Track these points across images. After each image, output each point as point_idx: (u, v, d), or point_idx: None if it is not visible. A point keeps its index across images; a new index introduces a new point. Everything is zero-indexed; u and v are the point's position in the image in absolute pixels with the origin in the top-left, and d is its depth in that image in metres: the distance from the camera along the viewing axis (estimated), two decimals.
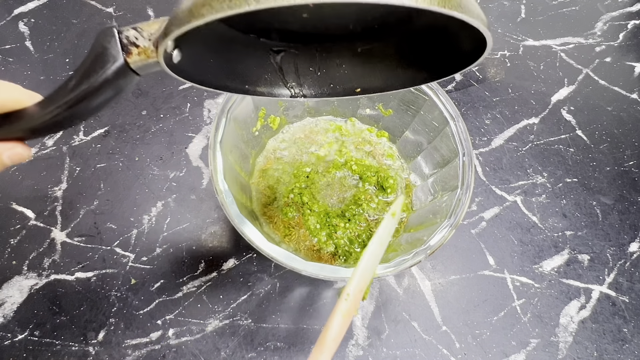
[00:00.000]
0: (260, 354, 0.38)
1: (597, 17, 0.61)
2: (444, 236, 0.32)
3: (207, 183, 0.45)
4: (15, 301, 0.38)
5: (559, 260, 0.43)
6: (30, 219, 0.42)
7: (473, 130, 0.50)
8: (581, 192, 0.47)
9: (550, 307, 0.41)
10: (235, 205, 0.31)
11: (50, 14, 0.55)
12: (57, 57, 0.52)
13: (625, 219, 0.46)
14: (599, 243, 0.44)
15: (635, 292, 0.42)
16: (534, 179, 0.48)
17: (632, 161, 0.49)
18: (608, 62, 0.57)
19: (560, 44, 0.58)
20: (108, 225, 0.42)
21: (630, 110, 0.53)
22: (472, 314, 0.40)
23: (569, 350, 0.39)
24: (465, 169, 0.34)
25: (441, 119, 0.37)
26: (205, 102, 0.50)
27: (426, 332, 0.39)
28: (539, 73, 0.55)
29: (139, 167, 0.45)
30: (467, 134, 0.36)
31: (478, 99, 0.52)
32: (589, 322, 0.41)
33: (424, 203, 0.40)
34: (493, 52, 0.56)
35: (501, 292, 0.41)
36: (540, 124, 0.51)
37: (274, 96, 0.27)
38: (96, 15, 0.55)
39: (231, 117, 0.35)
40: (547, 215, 0.46)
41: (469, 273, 0.42)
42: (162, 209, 0.43)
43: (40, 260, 0.40)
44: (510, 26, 0.59)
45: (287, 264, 0.30)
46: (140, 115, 0.48)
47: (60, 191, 0.43)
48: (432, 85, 0.37)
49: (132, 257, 0.41)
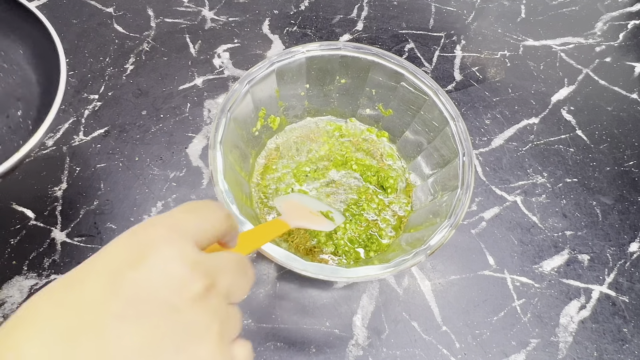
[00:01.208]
0: (260, 354, 0.38)
1: (597, 17, 0.61)
2: (444, 236, 0.32)
3: (207, 183, 0.45)
4: (15, 301, 0.38)
5: (559, 260, 0.43)
6: (30, 219, 0.42)
7: (473, 130, 0.50)
8: (581, 192, 0.47)
9: (550, 307, 0.41)
10: (235, 205, 0.31)
11: (50, 14, 0.55)
12: None
13: (625, 219, 0.46)
14: (599, 243, 0.44)
15: (635, 292, 0.42)
16: (534, 179, 0.48)
17: (632, 161, 0.49)
18: (608, 62, 0.57)
19: (560, 44, 0.58)
20: (108, 225, 0.42)
21: (630, 110, 0.53)
22: (472, 314, 0.40)
23: (569, 350, 0.39)
24: (465, 169, 0.34)
25: (441, 119, 0.37)
26: (205, 102, 0.50)
27: (426, 332, 0.39)
28: (539, 73, 0.55)
29: (139, 167, 0.45)
30: (467, 134, 0.36)
31: (478, 99, 0.53)
32: (589, 322, 0.41)
33: (424, 203, 0.40)
34: (493, 52, 0.56)
35: (501, 292, 0.41)
36: (540, 124, 0.51)
37: None
38: (96, 15, 0.55)
39: (231, 117, 0.35)
40: (547, 215, 0.46)
41: (469, 273, 0.42)
42: (162, 209, 0.43)
43: (40, 260, 0.40)
44: (510, 26, 0.59)
45: (287, 264, 0.30)
46: (140, 115, 0.48)
47: (60, 191, 0.43)
48: (432, 85, 0.37)
49: None
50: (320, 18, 0.58)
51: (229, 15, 0.57)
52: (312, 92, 0.43)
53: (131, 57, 0.52)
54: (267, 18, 0.57)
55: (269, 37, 0.55)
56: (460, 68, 0.55)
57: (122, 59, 0.52)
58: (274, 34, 0.56)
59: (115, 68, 0.51)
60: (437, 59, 0.55)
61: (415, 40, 0.57)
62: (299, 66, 0.39)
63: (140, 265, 0.16)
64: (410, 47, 0.56)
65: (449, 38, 0.57)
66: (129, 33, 0.54)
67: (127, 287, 0.15)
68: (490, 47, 0.57)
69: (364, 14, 0.59)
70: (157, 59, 0.52)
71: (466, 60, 0.56)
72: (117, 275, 0.15)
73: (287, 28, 0.56)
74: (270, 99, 0.41)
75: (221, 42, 0.54)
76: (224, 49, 0.54)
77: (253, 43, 0.55)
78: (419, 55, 0.55)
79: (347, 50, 0.39)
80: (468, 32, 0.58)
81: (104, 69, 0.51)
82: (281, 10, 0.58)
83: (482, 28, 0.59)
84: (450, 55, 0.56)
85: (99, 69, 0.51)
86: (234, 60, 0.53)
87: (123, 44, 0.53)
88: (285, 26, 0.57)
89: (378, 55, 0.38)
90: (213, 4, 0.58)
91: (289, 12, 0.58)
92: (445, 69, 0.55)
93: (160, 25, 0.55)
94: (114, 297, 0.15)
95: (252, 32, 0.56)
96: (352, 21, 0.58)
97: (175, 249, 0.16)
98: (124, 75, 0.51)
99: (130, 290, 0.15)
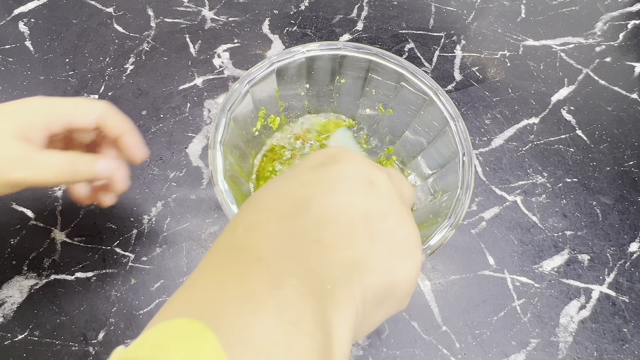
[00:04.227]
0: None
1: (597, 17, 0.61)
2: (444, 236, 0.32)
3: (207, 183, 0.45)
4: (15, 301, 0.38)
5: (559, 260, 0.43)
6: (30, 219, 0.42)
7: (473, 130, 0.50)
8: (581, 192, 0.47)
9: (550, 307, 0.41)
10: (235, 205, 0.31)
11: (50, 14, 0.55)
12: (57, 57, 0.52)
13: (625, 219, 0.46)
14: (599, 243, 0.44)
15: (635, 292, 0.42)
16: (534, 179, 0.48)
17: (632, 161, 0.49)
18: (608, 62, 0.57)
19: (560, 44, 0.58)
20: (108, 225, 0.42)
21: (630, 110, 0.53)
22: (472, 314, 0.40)
23: (569, 350, 0.39)
24: (465, 169, 0.34)
25: (441, 119, 0.37)
26: (205, 102, 0.50)
27: (426, 332, 0.39)
28: (539, 73, 0.55)
29: (139, 167, 0.45)
30: (467, 134, 0.36)
31: (478, 99, 0.53)
32: (589, 322, 0.41)
33: (424, 203, 0.40)
34: (493, 52, 0.56)
35: (501, 292, 0.41)
36: (540, 124, 0.51)
37: None
38: (96, 15, 0.55)
39: (231, 117, 0.35)
40: (547, 215, 0.46)
41: (469, 273, 0.42)
42: (162, 209, 0.43)
43: (40, 260, 0.40)
44: (510, 26, 0.59)
45: None
46: (140, 115, 0.48)
47: (60, 191, 0.43)
48: (432, 85, 0.37)
49: (132, 257, 0.41)
50: (320, 18, 0.58)
51: (229, 15, 0.57)
52: (312, 92, 0.43)
53: (131, 57, 0.52)
54: (267, 18, 0.57)
55: (269, 37, 0.55)
56: (460, 68, 0.55)
57: (122, 59, 0.52)
58: (274, 34, 0.56)
59: (115, 68, 0.51)
60: (437, 59, 0.55)
61: (415, 40, 0.57)
62: (299, 66, 0.39)
63: (341, 158, 0.21)
64: (410, 47, 0.56)
65: (449, 38, 0.57)
66: (129, 33, 0.54)
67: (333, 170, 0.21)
68: (490, 47, 0.57)
69: (364, 14, 0.59)
70: (157, 59, 0.52)
71: (466, 60, 0.56)
72: (319, 166, 0.21)
73: (287, 28, 0.56)
74: (270, 99, 0.41)
75: (221, 42, 0.54)
76: (224, 49, 0.54)
77: (253, 43, 0.55)
78: (419, 55, 0.55)
79: (347, 50, 0.39)
80: (468, 32, 0.58)
81: (104, 69, 0.51)
82: (281, 10, 0.58)
83: (482, 28, 0.59)
84: (450, 55, 0.56)
85: (99, 69, 0.51)
86: (234, 60, 0.53)
87: (123, 44, 0.53)
88: (285, 26, 0.57)
89: (378, 55, 0.38)
90: (213, 4, 0.58)
91: (289, 12, 0.58)
92: (445, 69, 0.55)
93: (160, 25, 0.55)
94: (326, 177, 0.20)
95: (252, 32, 0.56)
96: (352, 21, 0.58)
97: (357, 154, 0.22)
98: (123, 75, 0.51)
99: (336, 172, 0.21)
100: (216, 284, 0.16)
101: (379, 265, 0.18)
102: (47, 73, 0.51)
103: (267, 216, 0.19)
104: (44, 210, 0.42)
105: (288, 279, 0.16)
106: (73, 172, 0.28)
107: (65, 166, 0.28)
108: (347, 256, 0.18)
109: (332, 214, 0.19)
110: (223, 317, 0.14)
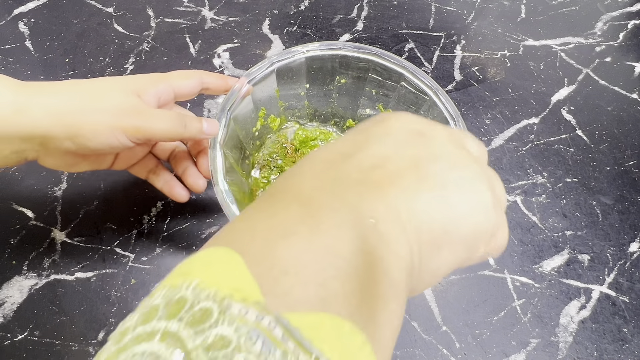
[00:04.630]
0: None
1: (597, 17, 0.61)
2: None
3: (207, 183, 0.45)
4: (15, 301, 0.38)
5: (559, 260, 0.43)
6: (30, 219, 0.42)
7: (473, 130, 0.50)
8: (581, 192, 0.47)
9: (550, 307, 0.41)
10: (235, 205, 0.31)
11: (50, 14, 0.55)
12: (57, 57, 0.52)
13: (625, 219, 0.46)
14: (599, 243, 0.44)
15: (635, 292, 0.42)
16: (534, 179, 0.48)
17: (632, 161, 0.49)
18: (608, 62, 0.57)
19: (560, 44, 0.58)
20: (108, 225, 0.42)
21: (630, 110, 0.53)
22: (472, 314, 0.40)
23: (569, 350, 0.39)
24: None
25: (441, 119, 0.37)
26: (205, 102, 0.50)
27: (426, 332, 0.39)
28: (539, 73, 0.55)
29: None
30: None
31: (478, 99, 0.53)
32: (589, 322, 0.41)
33: None
34: (493, 52, 0.56)
35: (501, 292, 0.41)
36: (540, 124, 0.51)
37: None
38: (96, 15, 0.55)
39: (231, 117, 0.35)
40: (547, 215, 0.46)
41: (469, 273, 0.42)
42: (162, 209, 0.43)
43: (40, 260, 0.40)
44: (510, 26, 0.59)
45: None
46: None
47: (60, 191, 0.43)
48: (432, 85, 0.37)
49: (132, 257, 0.41)
50: (320, 18, 0.58)
51: (229, 15, 0.57)
52: (312, 92, 0.43)
53: (131, 57, 0.52)
54: (267, 18, 0.57)
55: (269, 37, 0.55)
56: (460, 68, 0.55)
57: (122, 59, 0.52)
58: (274, 33, 0.56)
59: (115, 68, 0.51)
60: (437, 59, 0.55)
61: (415, 40, 0.57)
62: (299, 66, 0.39)
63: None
64: (410, 47, 0.56)
65: (449, 38, 0.57)
66: (129, 33, 0.54)
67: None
68: (490, 47, 0.57)
69: (364, 14, 0.59)
70: (157, 59, 0.52)
71: (466, 60, 0.56)
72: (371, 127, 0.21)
73: (287, 28, 0.56)
74: (270, 99, 0.41)
75: (221, 42, 0.54)
76: (223, 49, 0.54)
77: (253, 43, 0.55)
78: (419, 55, 0.55)
79: (347, 50, 0.39)
80: (468, 32, 0.58)
81: (104, 69, 0.51)
82: (281, 10, 0.58)
83: (482, 28, 0.59)
84: (450, 55, 0.56)
85: (99, 69, 0.51)
86: (234, 60, 0.53)
87: (123, 44, 0.53)
88: (285, 26, 0.57)
89: (378, 55, 0.38)
90: (213, 4, 0.58)
91: (289, 12, 0.58)
92: (445, 68, 0.55)
93: (160, 25, 0.55)
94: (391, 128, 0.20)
95: (252, 32, 0.56)
96: (352, 21, 0.58)
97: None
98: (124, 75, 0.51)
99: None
100: (250, 219, 0.16)
101: (431, 203, 0.17)
102: (47, 73, 0.51)
103: (312, 166, 0.18)
104: (44, 210, 0.42)
105: (324, 209, 0.15)
106: (183, 126, 0.31)
107: (177, 119, 0.30)
108: (394, 194, 0.17)
109: (377, 161, 0.18)
110: (250, 241, 0.14)
